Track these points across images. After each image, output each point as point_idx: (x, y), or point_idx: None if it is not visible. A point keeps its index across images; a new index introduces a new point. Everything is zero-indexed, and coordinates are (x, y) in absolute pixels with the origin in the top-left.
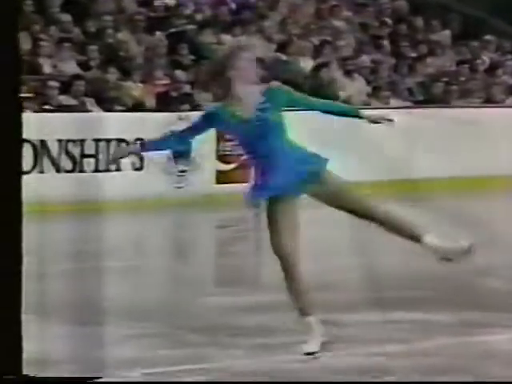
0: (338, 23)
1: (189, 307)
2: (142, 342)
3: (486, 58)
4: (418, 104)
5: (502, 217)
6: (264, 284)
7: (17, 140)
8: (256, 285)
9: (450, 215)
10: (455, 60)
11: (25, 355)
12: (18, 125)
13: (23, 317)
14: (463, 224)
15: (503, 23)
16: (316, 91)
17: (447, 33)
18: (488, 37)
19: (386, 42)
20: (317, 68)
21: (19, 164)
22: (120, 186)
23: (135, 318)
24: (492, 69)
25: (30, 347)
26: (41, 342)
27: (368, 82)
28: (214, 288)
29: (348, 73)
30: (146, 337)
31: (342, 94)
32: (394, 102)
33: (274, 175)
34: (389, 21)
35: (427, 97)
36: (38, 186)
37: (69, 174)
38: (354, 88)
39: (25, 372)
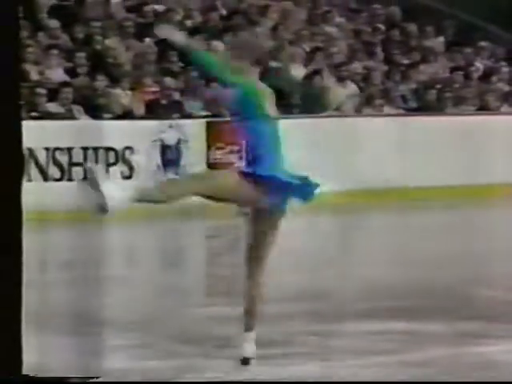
0: (330, 29)
1: (179, 318)
2: (131, 353)
3: (479, 65)
4: (412, 111)
5: (498, 225)
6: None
7: (17, 148)
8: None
9: (444, 224)
10: (449, 67)
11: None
12: (18, 133)
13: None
14: (458, 233)
15: (497, 29)
16: (308, 99)
17: (441, 39)
18: (482, 43)
19: (378, 49)
20: (309, 75)
21: (20, 172)
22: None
23: (125, 329)
24: (486, 76)
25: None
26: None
27: (360, 89)
28: (204, 298)
29: (340, 80)
30: (136, 347)
31: (333, 101)
32: (387, 109)
33: None
34: (382, 27)
35: (421, 104)
36: (25, 194)
37: (57, 183)
38: (345, 95)
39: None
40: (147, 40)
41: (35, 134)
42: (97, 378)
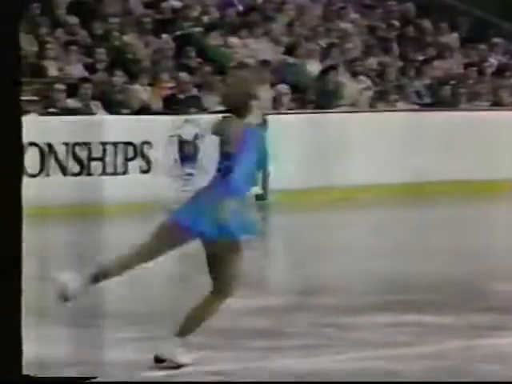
0: (345, 25)
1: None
2: (152, 345)
3: (493, 61)
4: (426, 107)
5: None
6: (272, 288)
7: (17, 143)
8: (264, 288)
9: (457, 218)
10: (463, 63)
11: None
12: (18, 128)
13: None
14: (471, 227)
15: (511, 26)
16: (323, 94)
17: (455, 35)
18: (496, 39)
19: (393, 45)
20: (325, 71)
21: (20, 167)
22: (127, 189)
23: (146, 321)
24: (500, 71)
25: (28, 349)
26: (40, 344)
27: (375, 85)
28: None
29: (355, 75)
30: (157, 339)
31: (348, 97)
32: (401, 104)
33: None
34: (396, 23)
35: (435, 100)
36: (44, 189)
37: (76, 178)
38: (361, 90)
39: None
40: (165, 36)
41: (54, 130)
42: (96, 377)
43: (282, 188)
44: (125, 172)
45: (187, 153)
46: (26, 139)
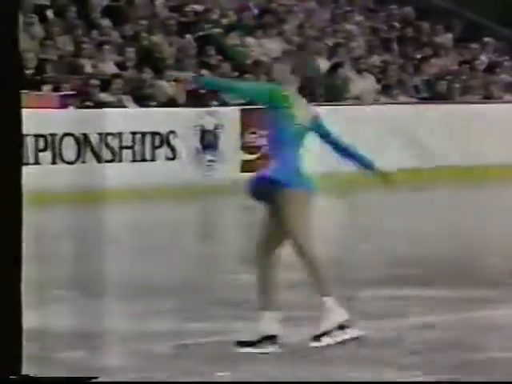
0: (350, 27)
1: (216, 284)
2: (172, 317)
3: (484, 59)
4: (424, 100)
5: (497, 203)
6: (285, 262)
7: (17, 134)
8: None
9: (451, 202)
10: (457, 60)
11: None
12: (18, 120)
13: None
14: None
15: (501, 26)
16: (331, 88)
17: (450, 36)
18: (487, 39)
19: (394, 44)
20: (332, 67)
21: (20, 157)
22: (155, 175)
23: (168, 294)
24: (491, 68)
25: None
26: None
27: (378, 81)
28: (239, 266)
29: (360, 72)
30: (178, 311)
31: (354, 91)
32: (402, 98)
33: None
34: (397, 25)
35: (432, 94)
36: (82, 175)
37: (108, 164)
38: (365, 86)
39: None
40: (188, 36)
41: (89, 121)
42: (95, 377)
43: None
44: (152, 159)
45: (208, 141)
46: (63, 130)
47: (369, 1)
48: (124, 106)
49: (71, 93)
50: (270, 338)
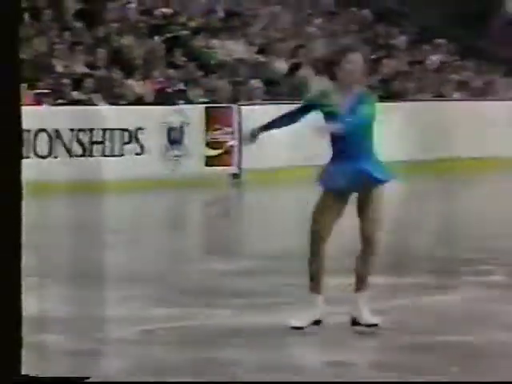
0: (311, 30)
1: (181, 273)
2: (140, 303)
3: (436, 59)
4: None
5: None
6: (246, 252)
7: (17, 130)
8: (240, 253)
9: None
10: (409, 61)
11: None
12: (17, 116)
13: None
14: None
15: (451, 29)
16: (291, 88)
17: (403, 38)
18: (438, 41)
19: None
20: (292, 68)
21: (19, 151)
22: (124, 169)
23: (135, 282)
24: (442, 68)
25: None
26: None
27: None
28: (204, 256)
29: (319, 72)
30: (144, 298)
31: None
32: None
33: (338, 172)
34: (355, 28)
35: (387, 93)
36: (52, 169)
37: (80, 159)
38: (323, 85)
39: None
40: (156, 38)
41: (62, 118)
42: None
43: (254, 168)
44: (122, 154)
45: (175, 138)
46: (37, 126)
47: (330, 4)
48: (95, 104)
49: (45, 91)
50: (318, 322)
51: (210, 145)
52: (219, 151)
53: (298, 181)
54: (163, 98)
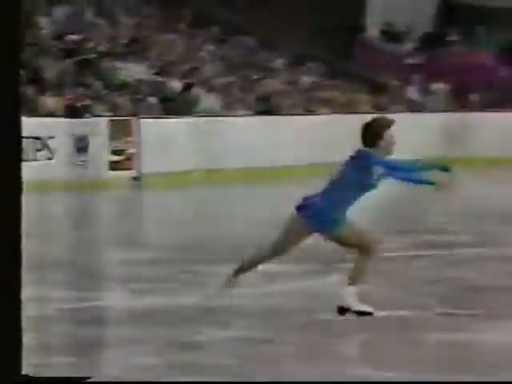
0: (202, 54)
1: (87, 261)
2: (51, 285)
3: (307, 79)
4: (259, 114)
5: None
6: (146, 245)
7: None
8: (140, 245)
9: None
10: (285, 81)
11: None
12: (17, 124)
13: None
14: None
15: (322, 52)
16: (184, 104)
17: (281, 61)
18: (310, 64)
19: (238, 68)
20: (185, 87)
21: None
22: (35, 173)
23: (44, 268)
24: (312, 88)
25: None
26: None
27: (223, 98)
28: (107, 247)
29: (209, 91)
30: (55, 281)
31: (202, 106)
32: (242, 112)
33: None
34: (241, 52)
35: (266, 109)
36: None
37: None
38: (212, 102)
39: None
40: (68, 60)
41: None
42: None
43: (154, 172)
44: (34, 159)
45: (81, 146)
46: None
47: (219, 32)
48: None
49: None
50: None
51: (113, 152)
52: (121, 157)
53: (195, 183)
54: (73, 112)
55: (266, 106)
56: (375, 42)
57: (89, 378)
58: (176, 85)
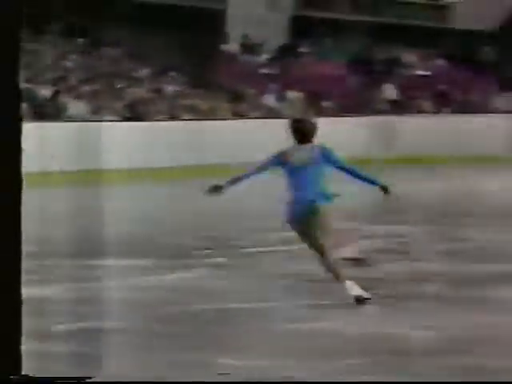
0: (68, 64)
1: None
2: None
3: (171, 88)
4: (126, 120)
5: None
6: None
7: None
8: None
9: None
10: (151, 89)
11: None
12: (18, 131)
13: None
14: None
15: (185, 63)
16: (53, 110)
17: (146, 71)
18: (172, 73)
19: (104, 77)
20: (54, 94)
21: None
22: None
23: None
24: (176, 96)
25: None
26: None
27: (88, 104)
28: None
29: (75, 98)
30: None
31: (71, 112)
32: (108, 117)
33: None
34: (105, 63)
35: (132, 115)
36: None
37: None
38: (78, 108)
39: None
40: None
41: None
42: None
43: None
44: None
45: None
46: None
47: (85, 44)
48: None
49: None
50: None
51: None
52: None
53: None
54: None
55: (133, 113)
56: (234, 54)
57: (89, 377)
58: (46, 92)
